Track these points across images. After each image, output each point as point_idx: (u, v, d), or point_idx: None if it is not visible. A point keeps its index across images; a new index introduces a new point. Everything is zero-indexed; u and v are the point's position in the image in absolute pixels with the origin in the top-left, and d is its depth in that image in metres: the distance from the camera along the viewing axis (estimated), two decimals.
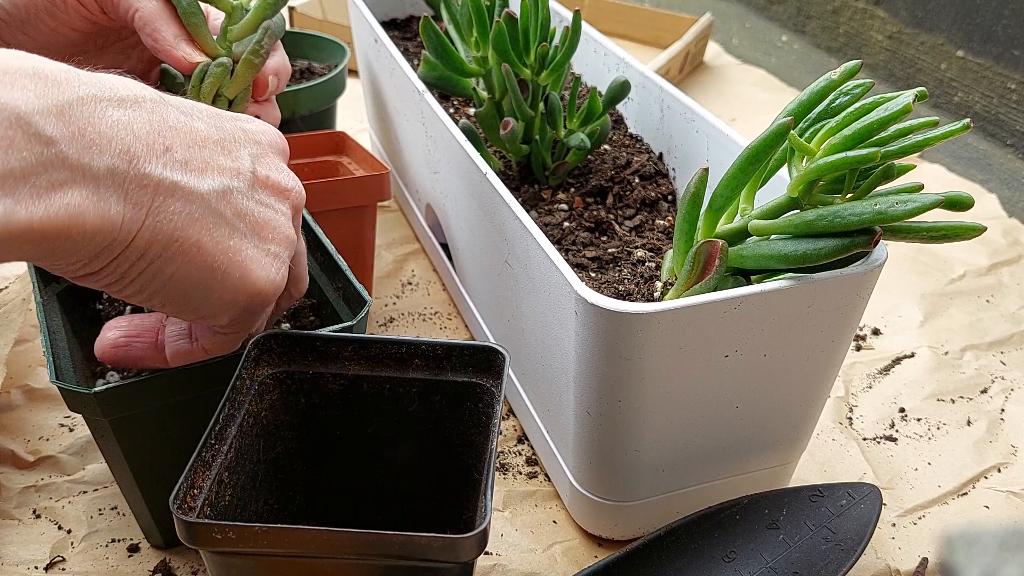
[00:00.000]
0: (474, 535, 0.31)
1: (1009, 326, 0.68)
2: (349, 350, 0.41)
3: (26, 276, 0.61)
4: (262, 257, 0.36)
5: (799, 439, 0.48)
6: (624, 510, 0.47)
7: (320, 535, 0.31)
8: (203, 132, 0.34)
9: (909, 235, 0.38)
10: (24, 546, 0.48)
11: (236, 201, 0.35)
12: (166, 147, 0.32)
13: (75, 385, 0.40)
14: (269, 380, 0.40)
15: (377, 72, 0.75)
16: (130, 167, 0.31)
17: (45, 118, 0.28)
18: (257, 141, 0.37)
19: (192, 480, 0.34)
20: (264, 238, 0.36)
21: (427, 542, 0.31)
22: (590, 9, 1.19)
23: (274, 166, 0.38)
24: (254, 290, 0.36)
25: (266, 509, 0.40)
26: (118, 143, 0.30)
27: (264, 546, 0.31)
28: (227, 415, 0.37)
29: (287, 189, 0.38)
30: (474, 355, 0.40)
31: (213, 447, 0.35)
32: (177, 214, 0.32)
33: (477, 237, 0.56)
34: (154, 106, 0.33)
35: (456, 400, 0.41)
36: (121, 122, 0.31)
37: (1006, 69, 0.88)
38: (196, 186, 0.33)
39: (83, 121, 0.30)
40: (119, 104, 0.31)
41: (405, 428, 0.42)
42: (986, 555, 0.21)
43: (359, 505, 0.45)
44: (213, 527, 0.31)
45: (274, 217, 0.37)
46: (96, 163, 0.30)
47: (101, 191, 0.30)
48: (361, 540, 0.31)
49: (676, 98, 0.59)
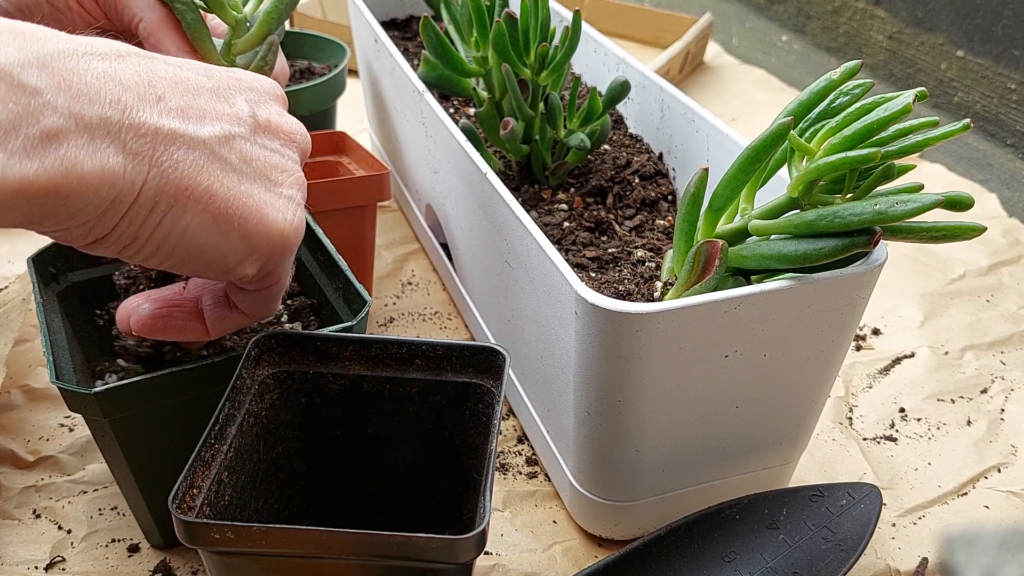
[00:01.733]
0: (472, 536, 0.31)
1: (1009, 326, 0.68)
2: (350, 350, 0.41)
3: (26, 276, 0.61)
4: (276, 200, 0.35)
5: (799, 439, 0.48)
6: (624, 510, 0.48)
7: (319, 535, 0.31)
8: (195, 80, 0.33)
9: (909, 235, 0.38)
10: (24, 546, 0.48)
11: (240, 146, 0.34)
12: (158, 96, 0.31)
13: (75, 385, 0.40)
14: (270, 380, 0.40)
15: (377, 72, 0.75)
16: (124, 116, 0.30)
17: (27, 69, 0.27)
18: (252, 88, 0.36)
19: (191, 480, 0.34)
20: (275, 182, 0.35)
21: (425, 543, 0.31)
22: (590, 9, 1.19)
23: (274, 111, 0.37)
24: (275, 233, 0.34)
25: (266, 509, 0.40)
26: (107, 93, 0.29)
27: (263, 546, 0.31)
28: (227, 415, 0.37)
29: (291, 131, 0.37)
30: (474, 355, 0.40)
31: (213, 447, 0.35)
32: (182, 161, 0.31)
33: (477, 237, 0.56)
34: (139, 60, 0.32)
35: (456, 400, 0.41)
36: (108, 73, 0.30)
37: (1006, 69, 0.88)
38: (196, 132, 0.32)
39: (67, 72, 0.28)
40: (103, 58, 0.30)
41: (405, 428, 0.42)
42: (986, 555, 0.21)
43: (359, 505, 0.45)
44: (212, 527, 0.31)
45: (281, 160, 0.36)
46: (87, 112, 0.28)
47: (96, 142, 0.29)
48: (360, 540, 0.31)
49: (676, 98, 0.59)
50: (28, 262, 0.48)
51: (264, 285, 0.38)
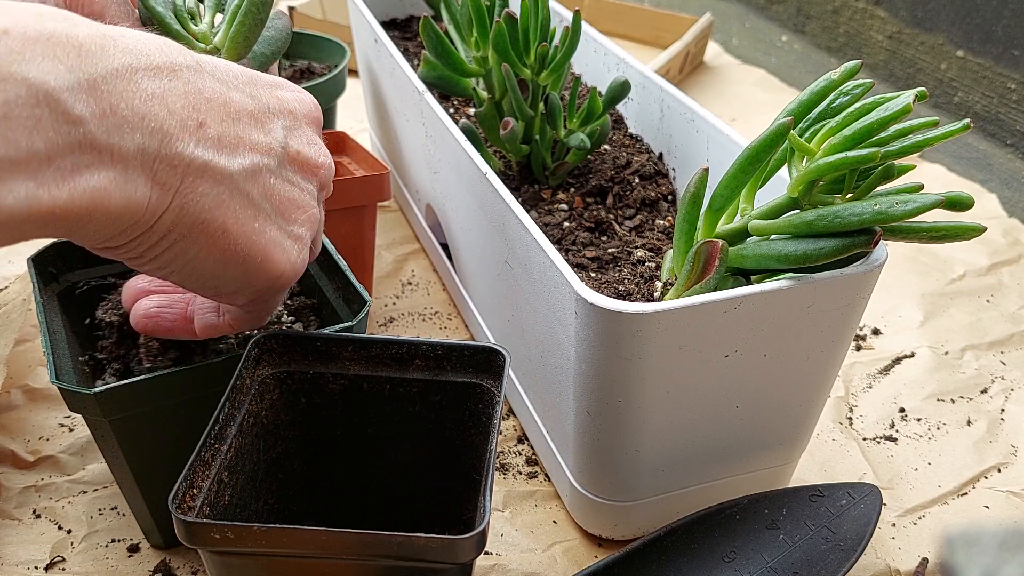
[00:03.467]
0: (472, 536, 0.31)
1: (1009, 326, 0.68)
2: (349, 350, 0.41)
3: (26, 276, 0.61)
4: (284, 239, 0.35)
5: (799, 439, 0.48)
6: (624, 510, 0.47)
7: (318, 535, 0.31)
8: (238, 103, 0.33)
9: (909, 235, 0.38)
10: (24, 546, 0.48)
11: (264, 180, 0.34)
12: (200, 122, 0.31)
13: (75, 385, 0.40)
14: (270, 380, 0.40)
15: (377, 72, 0.75)
16: (161, 146, 0.30)
17: (75, 95, 0.27)
18: (291, 111, 0.37)
19: (192, 480, 0.34)
20: (289, 219, 0.35)
21: (425, 543, 0.31)
22: (590, 9, 1.19)
23: (306, 139, 0.37)
24: (275, 273, 0.35)
25: (266, 509, 0.40)
26: (151, 119, 0.29)
27: (262, 546, 0.31)
28: (227, 415, 0.37)
29: (316, 165, 0.37)
30: (474, 355, 0.40)
31: (213, 447, 0.35)
32: (205, 196, 0.31)
33: (477, 237, 0.56)
34: (191, 75, 0.32)
35: (456, 400, 0.41)
36: (156, 95, 0.30)
37: (1006, 69, 0.88)
38: (227, 166, 0.32)
39: (116, 96, 0.28)
40: (155, 73, 0.30)
41: (405, 428, 0.42)
42: (986, 555, 0.21)
43: (360, 505, 0.45)
44: (212, 527, 0.31)
45: (300, 196, 0.36)
46: (126, 143, 0.29)
47: (128, 173, 0.29)
48: (359, 541, 0.31)
49: (676, 98, 0.59)
50: (28, 262, 0.48)
51: (254, 308, 0.39)
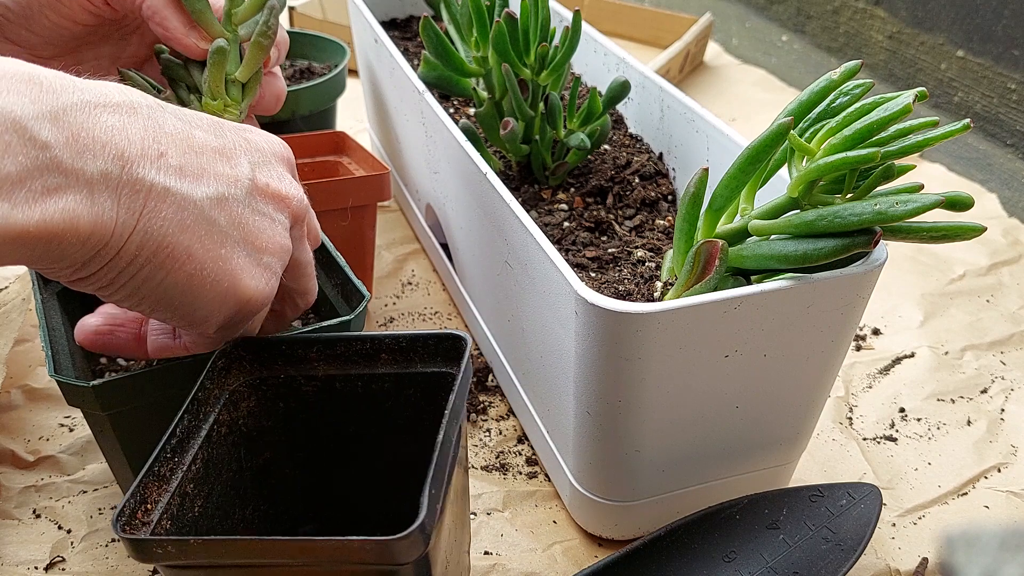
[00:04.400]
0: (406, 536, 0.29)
1: (1009, 326, 0.68)
2: (315, 351, 0.40)
3: (26, 276, 0.61)
4: (253, 267, 0.36)
5: (799, 439, 0.48)
6: (624, 510, 0.48)
7: (254, 544, 0.30)
8: (201, 140, 0.34)
9: (909, 235, 0.38)
10: (24, 546, 0.48)
11: (231, 209, 0.34)
12: (160, 152, 0.32)
13: (74, 379, 0.40)
14: (242, 388, 0.40)
15: (377, 72, 0.75)
16: (123, 172, 0.31)
17: (40, 123, 0.29)
18: (259, 149, 0.37)
19: (142, 496, 0.33)
20: (257, 248, 0.36)
21: (359, 545, 0.30)
22: (590, 9, 1.20)
23: (275, 174, 0.38)
24: (243, 299, 0.36)
25: (256, 515, 0.40)
26: (112, 148, 0.31)
27: (203, 557, 0.31)
28: (186, 427, 0.36)
29: (286, 197, 0.37)
30: (439, 344, 0.40)
31: (171, 460, 0.35)
32: (168, 220, 0.32)
33: (477, 237, 0.56)
34: (150, 112, 0.33)
35: (430, 392, 0.40)
36: (115, 127, 0.31)
37: (1006, 69, 0.88)
38: (190, 192, 0.33)
39: (77, 126, 0.30)
40: (114, 110, 0.31)
41: (384, 424, 0.41)
42: (986, 555, 0.21)
43: (359, 505, 0.44)
44: (153, 543, 0.30)
45: (269, 227, 0.36)
46: (89, 167, 0.30)
47: (95, 195, 0.30)
48: (296, 547, 0.30)
49: (676, 98, 0.59)
50: None
51: (229, 336, 0.39)
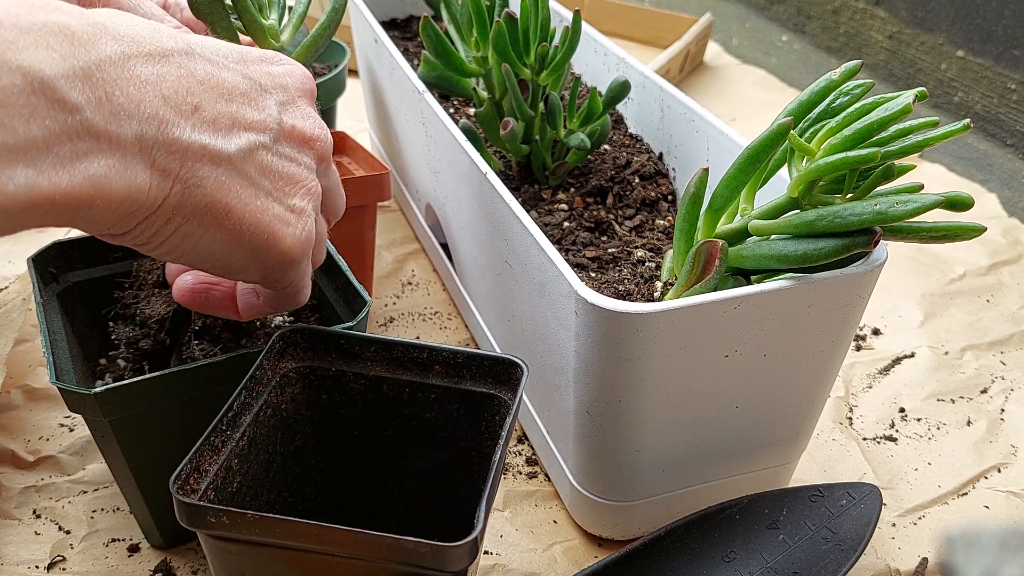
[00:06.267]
0: (463, 544, 0.30)
1: (1009, 326, 0.68)
2: (372, 351, 0.41)
3: (26, 276, 0.61)
4: (287, 214, 0.35)
5: (799, 439, 0.48)
6: (624, 510, 0.47)
7: (311, 528, 0.31)
8: (230, 83, 0.34)
9: (909, 235, 0.38)
10: (24, 546, 0.48)
11: (261, 158, 0.34)
12: (195, 106, 0.31)
13: (75, 385, 0.40)
14: (292, 374, 0.40)
15: (377, 72, 0.75)
16: (159, 133, 0.30)
17: (71, 82, 0.27)
18: (284, 86, 0.37)
19: (197, 463, 0.34)
20: (288, 193, 0.36)
21: (415, 547, 0.30)
22: (590, 9, 1.19)
23: (300, 113, 0.37)
24: (282, 249, 0.35)
25: (279, 501, 0.40)
26: (146, 106, 0.30)
27: (256, 534, 0.31)
28: (242, 403, 0.37)
29: (312, 138, 0.37)
30: (494, 366, 0.40)
31: (224, 433, 0.35)
32: (206, 179, 0.32)
33: (477, 237, 0.56)
34: (182, 59, 0.32)
35: (473, 410, 0.41)
36: (150, 81, 0.30)
37: (1006, 69, 0.88)
38: (224, 148, 0.32)
39: (111, 84, 0.29)
40: (147, 59, 0.30)
41: (423, 434, 0.42)
42: (986, 555, 0.21)
43: (375, 506, 0.44)
44: (208, 510, 0.31)
45: (297, 171, 0.36)
46: (124, 131, 0.29)
47: (128, 159, 0.29)
48: (351, 538, 0.31)
49: (676, 98, 0.59)
50: (28, 262, 0.48)
51: (278, 287, 0.39)
